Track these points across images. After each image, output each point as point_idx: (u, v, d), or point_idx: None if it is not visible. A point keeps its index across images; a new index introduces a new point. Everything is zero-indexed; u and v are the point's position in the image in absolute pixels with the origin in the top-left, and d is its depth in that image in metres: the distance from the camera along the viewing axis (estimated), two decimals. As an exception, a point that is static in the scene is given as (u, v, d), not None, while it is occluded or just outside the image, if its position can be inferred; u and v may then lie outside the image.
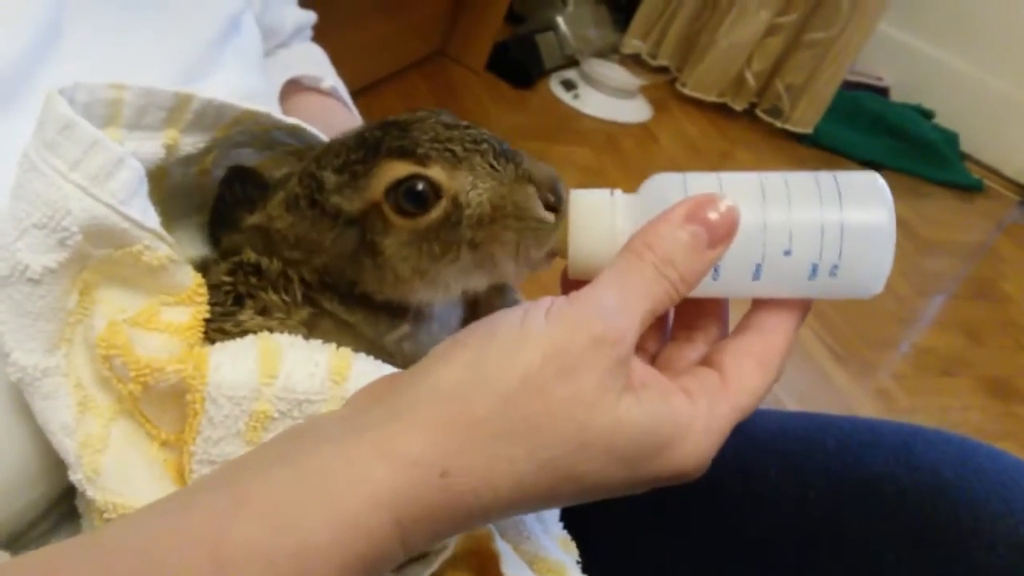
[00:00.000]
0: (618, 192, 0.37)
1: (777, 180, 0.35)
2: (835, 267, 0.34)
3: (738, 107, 2.49)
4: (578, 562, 0.46)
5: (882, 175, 0.35)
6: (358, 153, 0.40)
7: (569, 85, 2.28)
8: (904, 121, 2.66)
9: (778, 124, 2.49)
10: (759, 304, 0.36)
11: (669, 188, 0.36)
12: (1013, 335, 2.03)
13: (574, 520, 0.48)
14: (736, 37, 2.34)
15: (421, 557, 0.41)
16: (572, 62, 2.34)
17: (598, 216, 0.36)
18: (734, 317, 0.38)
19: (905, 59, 2.88)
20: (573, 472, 0.30)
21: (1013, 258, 2.39)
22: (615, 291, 0.32)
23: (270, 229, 0.42)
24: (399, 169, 0.39)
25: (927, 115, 2.85)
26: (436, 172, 0.39)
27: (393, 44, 1.92)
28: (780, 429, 0.53)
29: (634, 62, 2.49)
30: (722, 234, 0.33)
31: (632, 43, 2.49)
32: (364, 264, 0.40)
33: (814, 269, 0.34)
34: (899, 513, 0.46)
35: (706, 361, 0.36)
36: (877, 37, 2.44)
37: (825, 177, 0.35)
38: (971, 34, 2.79)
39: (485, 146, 0.40)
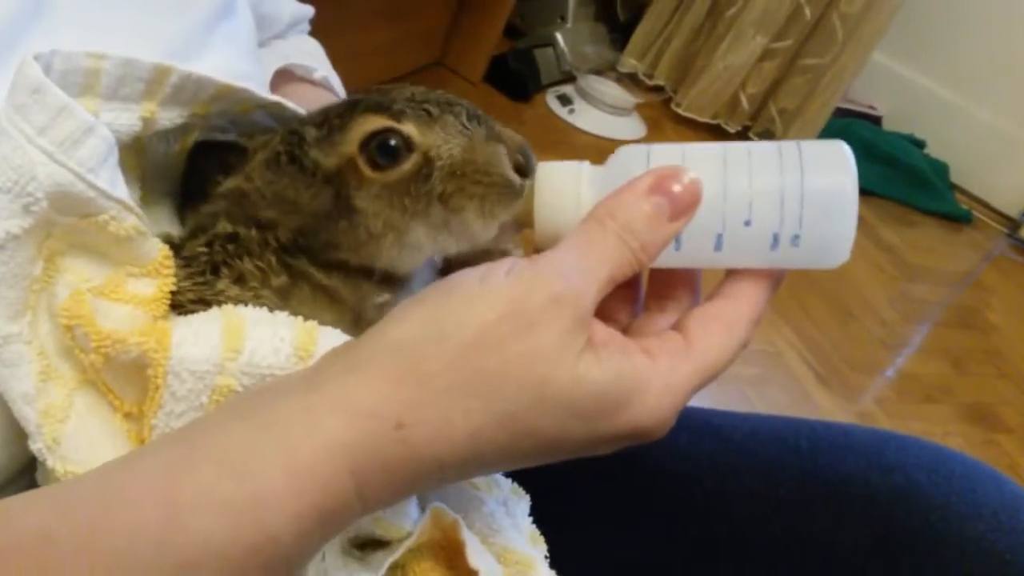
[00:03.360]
0: (585, 164, 0.38)
1: (740, 150, 0.35)
2: (796, 236, 0.34)
3: (731, 129, 2.51)
4: (546, 557, 0.46)
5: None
6: (339, 109, 0.42)
7: (565, 100, 2.29)
8: (895, 150, 2.69)
9: (771, 147, 2.51)
10: (730, 272, 0.36)
11: (633, 159, 0.36)
12: (997, 364, 2.04)
13: (543, 514, 0.48)
14: (732, 60, 2.36)
15: (384, 545, 0.41)
16: (569, 78, 2.36)
17: (564, 186, 0.37)
18: (708, 288, 0.38)
19: (899, 89, 2.92)
20: (531, 427, 0.30)
21: (999, 289, 2.41)
22: (576, 254, 0.33)
23: (247, 191, 0.42)
24: (373, 122, 0.40)
25: (918, 145, 2.88)
26: (409, 128, 0.40)
27: (393, 51, 1.93)
28: (753, 430, 0.53)
29: (630, 80, 2.51)
30: (684, 206, 0.34)
31: (629, 62, 2.51)
32: (339, 226, 0.41)
33: (775, 239, 0.34)
34: (870, 514, 0.46)
35: (673, 326, 0.36)
36: (872, 66, 2.47)
37: (789, 146, 0.35)
38: (965, 67, 2.83)
39: (458, 108, 0.41)
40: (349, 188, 0.40)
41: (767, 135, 2.51)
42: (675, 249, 0.35)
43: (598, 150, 2.22)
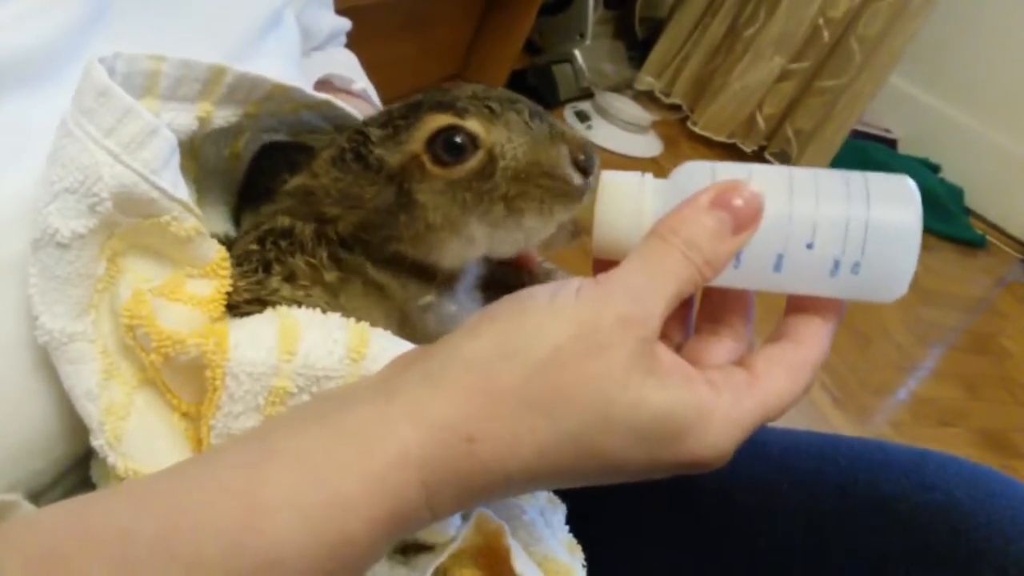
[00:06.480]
0: (648, 176, 0.38)
1: (806, 175, 0.36)
2: (856, 264, 0.34)
3: (747, 149, 2.51)
4: (584, 566, 0.46)
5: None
6: (402, 110, 0.43)
7: (583, 116, 2.31)
8: (910, 173, 2.64)
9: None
10: (793, 312, 0.37)
11: (698, 175, 0.36)
12: (1011, 390, 2.02)
13: (578, 525, 0.48)
14: (749, 80, 2.37)
15: (427, 549, 0.41)
16: (587, 94, 2.37)
17: (626, 198, 0.37)
18: (766, 318, 0.38)
19: (915, 113, 2.92)
20: (595, 448, 0.31)
21: (1013, 315, 2.40)
22: (642, 273, 0.33)
23: (313, 187, 0.43)
24: (439, 120, 0.41)
25: (933, 169, 2.88)
26: (474, 124, 0.41)
27: (414, 64, 1.94)
28: (792, 446, 0.53)
29: (647, 98, 2.53)
30: (746, 220, 0.34)
31: (646, 80, 2.53)
32: (399, 219, 0.41)
33: (836, 265, 0.34)
34: (910, 531, 0.46)
35: (738, 363, 0.36)
36: (888, 89, 2.47)
37: (855, 176, 0.35)
38: (981, 92, 2.83)
39: (520, 105, 0.42)
40: (412, 183, 0.41)
41: (783, 156, 2.52)
42: (735, 266, 0.35)
43: (614, 166, 2.20)
